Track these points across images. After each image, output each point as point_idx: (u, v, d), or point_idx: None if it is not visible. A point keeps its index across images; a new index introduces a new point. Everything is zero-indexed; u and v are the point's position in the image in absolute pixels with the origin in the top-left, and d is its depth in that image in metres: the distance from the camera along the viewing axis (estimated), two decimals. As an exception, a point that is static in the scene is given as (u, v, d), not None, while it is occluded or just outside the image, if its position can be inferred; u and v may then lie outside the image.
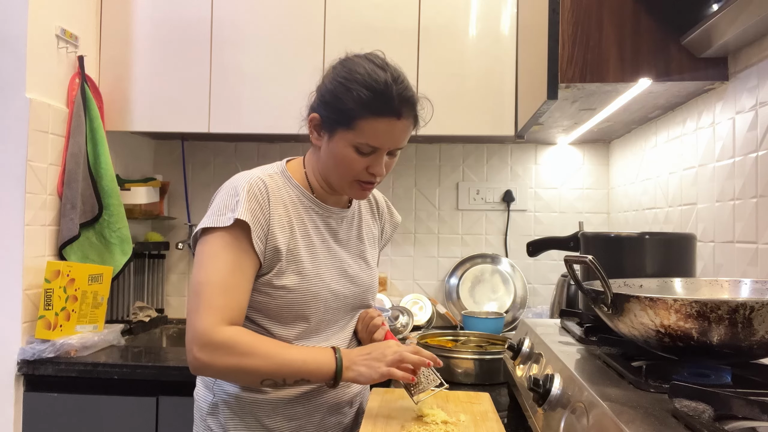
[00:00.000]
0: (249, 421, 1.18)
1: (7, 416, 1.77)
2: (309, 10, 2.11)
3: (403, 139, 1.17)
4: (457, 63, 2.10)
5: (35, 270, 1.82)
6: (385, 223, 1.41)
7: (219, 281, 1.10)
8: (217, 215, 1.13)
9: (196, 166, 2.57)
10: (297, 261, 1.17)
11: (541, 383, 0.98)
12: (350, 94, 1.11)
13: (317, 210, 1.24)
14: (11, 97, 1.79)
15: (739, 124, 1.35)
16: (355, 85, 1.11)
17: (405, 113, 1.13)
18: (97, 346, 1.88)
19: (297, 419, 1.19)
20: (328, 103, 1.15)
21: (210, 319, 1.07)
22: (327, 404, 1.22)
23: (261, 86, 2.11)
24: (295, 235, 1.18)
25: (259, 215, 1.13)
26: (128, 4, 2.16)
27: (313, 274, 1.19)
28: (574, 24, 1.41)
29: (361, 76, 1.12)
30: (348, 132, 1.13)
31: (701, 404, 0.70)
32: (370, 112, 1.11)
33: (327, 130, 1.16)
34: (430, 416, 1.11)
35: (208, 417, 1.20)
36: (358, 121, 1.11)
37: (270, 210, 1.15)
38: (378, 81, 1.11)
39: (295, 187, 1.22)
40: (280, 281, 1.15)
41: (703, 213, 1.53)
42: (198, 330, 1.07)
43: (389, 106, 1.11)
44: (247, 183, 1.14)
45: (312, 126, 1.20)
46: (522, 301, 2.41)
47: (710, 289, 1.08)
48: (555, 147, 2.48)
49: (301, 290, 1.17)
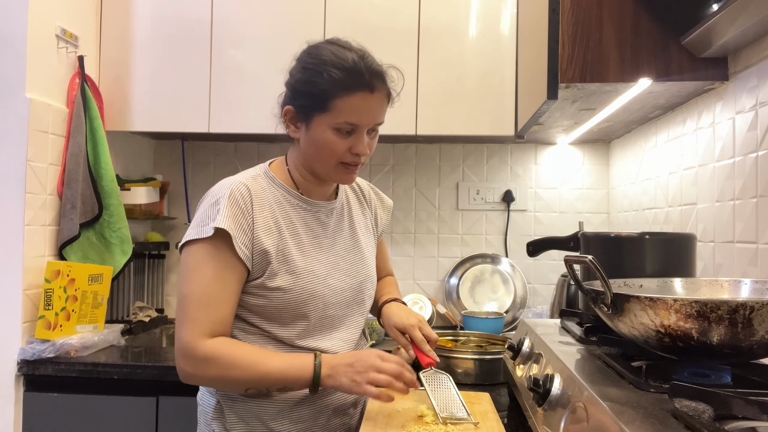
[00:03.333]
0: (254, 425, 1.18)
1: (7, 416, 1.77)
2: (309, 10, 2.11)
3: (380, 114, 1.17)
4: (457, 63, 2.10)
5: (35, 270, 1.82)
6: (377, 208, 1.41)
7: (200, 294, 1.11)
8: (199, 227, 1.14)
9: (196, 166, 2.57)
10: (288, 261, 1.17)
11: (541, 383, 0.98)
12: (321, 77, 1.12)
13: (304, 207, 1.23)
14: (11, 97, 1.79)
15: (739, 124, 1.35)
16: (324, 67, 1.13)
17: (377, 86, 1.14)
18: (97, 346, 1.88)
19: (302, 422, 1.19)
20: (300, 92, 1.16)
21: (192, 332, 1.10)
22: (332, 406, 1.22)
23: (261, 86, 2.11)
24: (284, 235, 1.18)
25: (241, 221, 1.13)
26: (128, 4, 2.16)
27: (306, 271, 1.18)
28: (574, 24, 1.41)
29: (329, 58, 1.13)
30: (325, 115, 1.13)
31: (701, 404, 0.70)
32: (344, 89, 1.12)
33: (303, 119, 1.17)
34: (429, 416, 1.11)
35: (213, 421, 1.20)
36: (333, 101, 1.12)
37: (253, 214, 1.15)
38: (346, 59, 1.13)
39: (279, 187, 1.22)
40: (274, 282, 1.15)
41: (703, 213, 1.53)
42: (182, 342, 1.11)
43: (361, 80, 1.12)
44: (228, 189, 1.15)
45: (287, 120, 1.21)
46: (522, 301, 2.40)
47: (710, 289, 1.08)
48: (555, 147, 2.48)
49: (297, 289, 1.17)
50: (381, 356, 1.13)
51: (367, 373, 1.09)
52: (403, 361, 1.14)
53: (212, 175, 2.55)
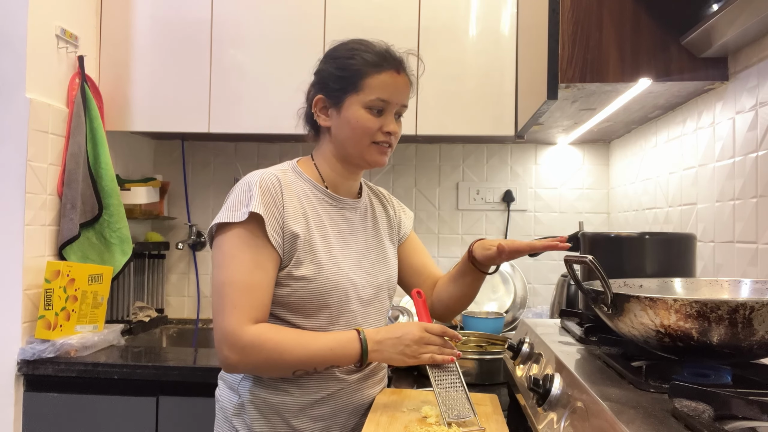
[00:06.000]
0: (275, 422, 1.19)
1: (7, 416, 1.77)
2: (309, 10, 2.11)
3: (406, 95, 1.26)
4: (457, 63, 2.10)
5: (35, 270, 1.82)
6: (400, 214, 1.44)
7: (240, 281, 1.12)
8: (231, 210, 1.16)
9: (196, 166, 2.57)
10: (314, 251, 1.19)
11: (541, 383, 0.98)
12: (354, 60, 1.22)
13: (331, 202, 1.27)
14: (11, 97, 1.79)
15: (739, 124, 1.35)
16: (355, 52, 1.23)
17: (402, 70, 1.25)
18: (97, 346, 1.88)
19: (322, 420, 1.21)
20: (332, 77, 1.23)
21: (235, 319, 1.11)
22: (351, 406, 1.24)
23: (261, 86, 2.11)
24: (311, 226, 1.20)
25: (272, 208, 1.16)
26: (128, 4, 2.16)
27: (331, 263, 1.20)
28: (574, 24, 1.41)
29: (358, 46, 1.25)
30: (357, 95, 1.21)
31: (701, 404, 0.70)
32: (375, 67, 1.21)
33: (334, 104, 1.23)
34: (433, 417, 1.11)
35: (234, 417, 1.21)
36: (365, 80, 1.20)
37: (284, 202, 1.18)
38: (374, 45, 1.25)
39: (307, 181, 1.26)
40: (299, 271, 1.17)
41: (703, 213, 1.53)
42: (226, 331, 1.11)
43: (389, 61, 1.23)
44: (260, 178, 1.18)
45: (318, 109, 1.26)
46: (522, 301, 2.40)
47: (710, 289, 1.08)
48: (555, 147, 2.48)
49: (321, 279, 1.18)
50: (426, 328, 1.17)
51: (415, 346, 1.15)
52: (446, 329, 1.18)
53: (212, 175, 2.55)
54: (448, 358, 1.16)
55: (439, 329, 1.18)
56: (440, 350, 1.16)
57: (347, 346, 1.14)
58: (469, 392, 1.15)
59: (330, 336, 1.17)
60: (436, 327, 1.18)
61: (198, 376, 1.73)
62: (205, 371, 1.73)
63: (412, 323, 1.19)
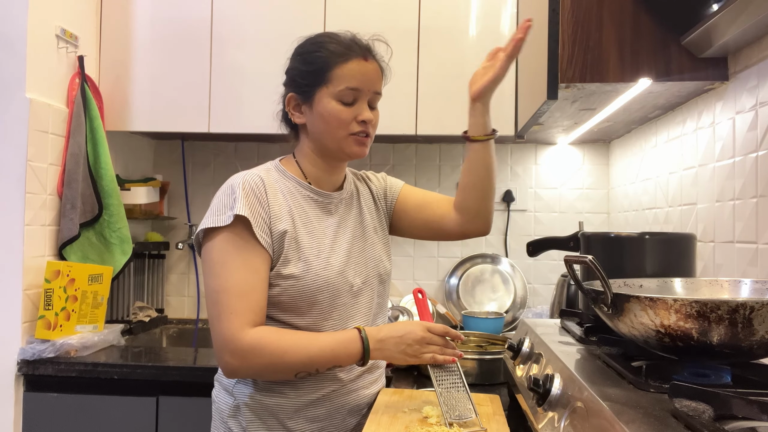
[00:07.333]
0: (270, 423, 1.18)
1: (7, 416, 1.77)
2: (309, 10, 2.11)
3: (377, 82, 1.24)
4: (457, 63, 2.10)
5: (35, 270, 1.82)
6: (384, 182, 1.40)
7: (234, 286, 1.12)
8: (216, 215, 1.15)
9: (196, 166, 2.57)
10: (300, 248, 1.18)
11: (541, 383, 0.98)
12: (320, 53, 1.21)
13: (315, 197, 1.26)
14: (11, 97, 1.79)
15: (739, 124, 1.35)
16: (320, 45, 1.22)
17: (369, 57, 1.23)
18: (97, 346, 1.88)
19: (318, 421, 1.20)
20: (300, 73, 1.22)
21: (234, 324, 1.10)
22: (348, 406, 1.23)
23: (261, 86, 2.11)
24: (296, 223, 1.20)
25: (258, 208, 1.15)
26: (128, 4, 2.16)
27: (319, 259, 1.20)
28: (574, 24, 1.41)
29: (323, 39, 1.23)
30: (326, 87, 1.19)
31: (701, 404, 0.70)
32: (341, 57, 1.19)
33: (305, 100, 1.22)
34: (434, 417, 1.11)
35: (229, 419, 1.21)
36: (332, 71, 1.19)
37: (269, 201, 1.17)
38: (338, 35, 1.23)
39: (290, 179, 1.25)
40: (287, 270, 1.16)
41: (703, 213, 1.53)
42: (225, 337, 1.10)
43: (354, 50, 1.21)
44: (243, 180, 1.17)
45: (291, 108, 1.26)
46: (522, 301, 2.40)
47: (710, 289, 1.08)
48: (555, 147, 2.48)
49: (311, 276, 1.18)
50: (428, 327, 1.17)
51: (417, 345, 1.15)
52: (448, 329, 1.18)
53: (212, 175, 2.55)
54: (450, 359, 1.16)
55: (441, 329, 1.17)
56: (442, 350, 1.16)
57: (348, 345, 1.14)
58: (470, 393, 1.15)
59: (331, 336, 1.16)
60: (439, 327, 1.18)
61: (198, 376, 1.73)
62: (205, 371, 1.73)
63: (414, 322, 1.18)
